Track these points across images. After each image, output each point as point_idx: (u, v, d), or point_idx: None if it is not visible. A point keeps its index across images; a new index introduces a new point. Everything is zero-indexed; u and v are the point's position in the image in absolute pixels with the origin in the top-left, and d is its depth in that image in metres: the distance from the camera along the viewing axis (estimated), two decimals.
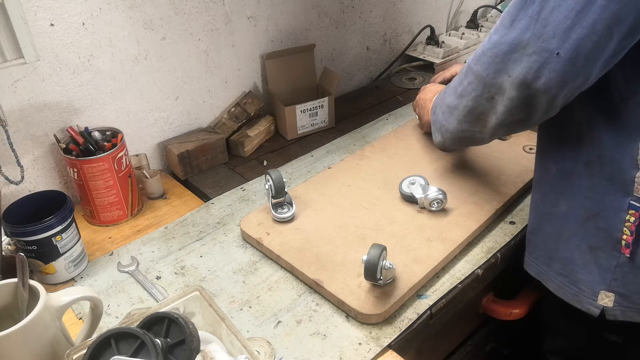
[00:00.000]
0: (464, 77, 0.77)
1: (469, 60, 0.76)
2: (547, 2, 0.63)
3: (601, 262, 0.75)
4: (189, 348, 0.62)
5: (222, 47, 1.21)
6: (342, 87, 1.55)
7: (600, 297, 0.76)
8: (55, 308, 0.66)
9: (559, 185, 0.79)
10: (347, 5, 1.45)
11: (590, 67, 0.64)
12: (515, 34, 0.66)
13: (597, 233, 0.75)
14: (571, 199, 0.77)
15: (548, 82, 0.65)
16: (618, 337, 0.81)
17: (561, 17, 0.62)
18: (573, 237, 0.78)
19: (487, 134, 0.81)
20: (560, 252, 0.80)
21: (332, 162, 1.17)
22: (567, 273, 0.80)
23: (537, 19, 0.63)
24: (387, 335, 0.76)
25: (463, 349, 1.06)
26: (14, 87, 0.94)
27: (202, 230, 0.99)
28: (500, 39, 0.68)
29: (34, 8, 0.92)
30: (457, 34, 1.72)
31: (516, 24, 0.66)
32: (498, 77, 0.69)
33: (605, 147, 0.71)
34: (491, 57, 0.69)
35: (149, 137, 1.18)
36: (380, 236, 0.90)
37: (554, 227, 0.81)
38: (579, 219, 0.76)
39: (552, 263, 0.82)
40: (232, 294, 0.85)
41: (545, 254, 0.83)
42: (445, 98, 0.86)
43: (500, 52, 0.68)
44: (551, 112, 0.71)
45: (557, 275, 0.81)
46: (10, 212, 0.85)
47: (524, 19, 0.65)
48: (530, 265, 0.87)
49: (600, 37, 0.61)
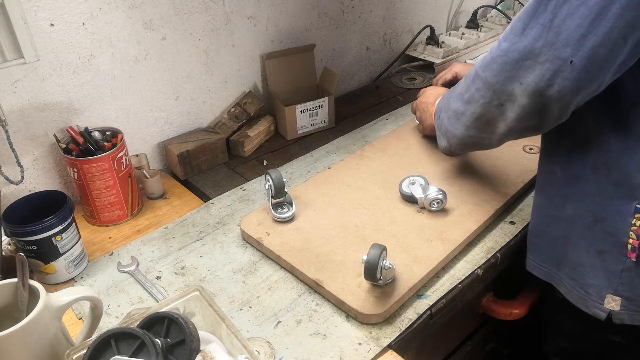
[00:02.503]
0: (472, 83, 0.77)
1: (477, 67, 0.75)
2: (559, 10, 0.62)
3: (608, 266, 0.75)
4: (189, 348, 0.62)
5: (222, 47, 1.21)
6: (342, 87, 1.55)
7: (607, 301, 0.76)
8: (55, 308, 0.66)
9: (565, 189, 0.79)
10: (347, 5, 1.45)
11: (603, 74, 0.64)
12: (527, 41, 0.65)
13: (603, 237, 0.75)
14: (578, 203, 0.77)
15: (562, 90, 0.65)
16: (622, 339, 0.81)
17: (574, 25, 0.61)
18: (581, 241, 0.78)
19: (496, 140, 0.80)
20: (569, 255, 0.80)
21: (332, 162, 1.17)
22: (576, 276, 0.80)
23: (550, 27, 0.63)
24: (387, 335, 0.76)
25: (463, 349, 1.06)
26: (14, 87, 0.94)
27: (202, 230, 0.99)
28: (511, 46, 0.67)
29: (34, 8, 0.92)
30: (457, 34, 1.72)
31: (528, 32, 0.65)
32: (509, 84, 0.69)
33: (612, 151, 0.71)
34: (501, 65, 0.69)
35: (149, 137, 1.18)
36: (380, 236, 0.90)
37: (560, 231, 0.81)
38: (586, 223, 0.76)
39: (562, 266, 0.82)
40: (232, 294, 0.85)
41: (553, 257, 0.83)
42: (450, 103, 0.85)
43: (511, 60, 0.67)
44: (563, 119, 0.70)
45: (568, 279, 0.81)
46: (10, 212, 0.85)
47: (536, 27, 0.64)
48: (537, 268, 0.87)
49: (615, 45, 0.61)
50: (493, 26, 1.77)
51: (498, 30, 1.74)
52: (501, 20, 1.81)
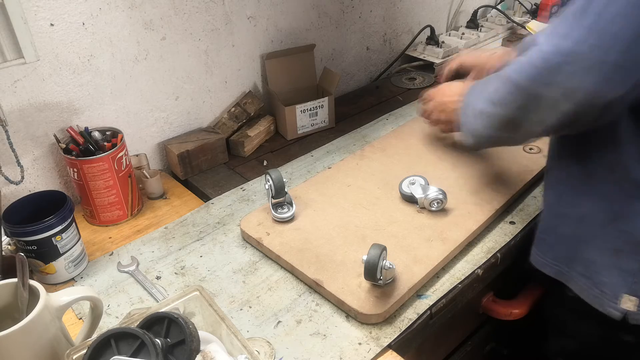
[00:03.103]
0: (502, 85, 0.72)
1: (510, 71, 0.70)
2: (604, 13, 0.60)
3: (623, 265, 0.75)
4: (189, 348, 0.62)
5: (222, 47, 1.21)
6: (342, 87, 1.55)
7: (623, 301, 0.75)
8: (55, 308, 0.66)
9: (580, 186, 0.78)
10: (347, 5, 1.45)
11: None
12: (570, 45, 0.62)
13: (619, 235, 0.74)
14: (593, 201, 0.76)
15: (607, 94, 0.62)
16: (634, 338, 0.80)
17: (621, 29, 0.59)
18: (594, 239, 0.77)
19: (525, 139, 0.79)
20: (581, 253, 0.80)
21: (332, 162, 1.17)
22: (589, 274, 0.79)
23: (595, 30, 0.60)
24: (387, 335, 0.76)
25: (463, 349, 1.06)
26: (14, 87, 0.94)
27: (202, 230, 0.99)
28: (553, 49, 0.64)
29: (34, 8, 0.92)
30: (457, 34, 1.72)
31: (571, 35, 0.62)
32: (549, 90, 0.66)
33: (632, 151, 0.70)
34: (540, 69, 0.65)
35: (149, 137, 1.18)
36: (380, 236, 0.90)
37: (571, 228, 0.80)
38: (601, 220, 0.76)
39: (573, 264, 0.81)
40: (232, 294, 0.85)
41: (564, 254, 0.83)
42: (476, 103, 0.80)
43: (552, 64, 0.64)
44: (601, 121, 0.68)
45: (580, 277, 0.81)
46: (10, 212, 0.85)
47: (579, 30, 0.61)
48: (547, 266, 0.85)
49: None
50: (493, 26, 1.77)
51: (498, 30, 1.74)
52: (501, 20, 1.80)
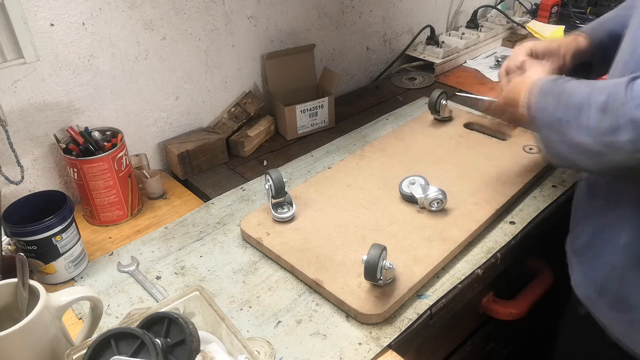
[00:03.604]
0: (614, 120, 0.60)
1: (632, 108, 0.58)
2: None
3: None
4: (189, 348, 0.62)
5: (222, 47, 1.21)
6: (342, 87, 1.55)
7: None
8: (55, 308, 0.66)
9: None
10: (347, 5, 1.45)
11: None
12: None
13: None
14: None
15: None
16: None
17: None
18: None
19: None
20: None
21: (332, 162, 1.17)
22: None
23: None
24: (387, 335, 0.76)
25: (463, 349, 1.06)
26: (14, 87, 0.94)
27: (202, 230, 0.99)
28: None
29: (34, 8, 0.92)
30: (457, 34, 1.72)
31: None
32: None
33: None
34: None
35: (149, 137, 1.18)
36: (380, 236, 0.90)
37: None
38: None
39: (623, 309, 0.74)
40: (232, 294, 0.85)
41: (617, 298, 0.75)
42: (569, 130, 0.67)
43: None
44: None
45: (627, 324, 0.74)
46: (10, 212, 0.85)
47: None
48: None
49: None
50: (493, 26, 1.77)
51: (498, 31, 1.74)
52: (501, 20, 1.80)
